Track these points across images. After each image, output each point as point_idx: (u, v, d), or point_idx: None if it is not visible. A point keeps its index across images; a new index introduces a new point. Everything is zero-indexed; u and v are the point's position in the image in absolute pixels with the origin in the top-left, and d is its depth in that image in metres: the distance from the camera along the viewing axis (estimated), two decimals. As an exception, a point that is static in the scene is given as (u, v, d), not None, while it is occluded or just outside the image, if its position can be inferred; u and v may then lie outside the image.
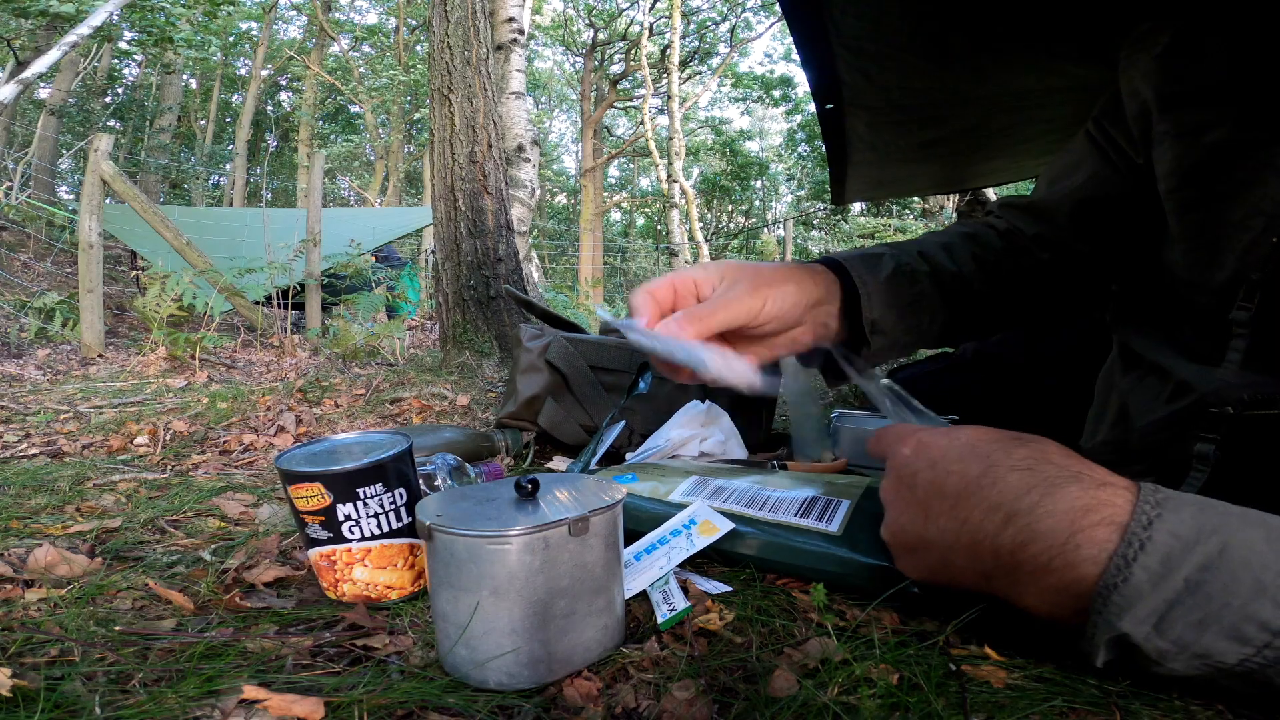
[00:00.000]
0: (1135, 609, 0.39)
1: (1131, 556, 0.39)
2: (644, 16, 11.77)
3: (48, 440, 1.35)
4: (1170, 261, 0.67)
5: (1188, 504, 0.41)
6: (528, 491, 0.53)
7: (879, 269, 0.68)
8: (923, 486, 0.49)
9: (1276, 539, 0.39)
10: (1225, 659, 0.38)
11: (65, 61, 8.07)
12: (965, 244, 0.76)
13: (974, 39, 1.23)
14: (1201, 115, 0.61)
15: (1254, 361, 0.58)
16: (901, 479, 0.51)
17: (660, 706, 0.44)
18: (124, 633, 0.54)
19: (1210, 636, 0.38)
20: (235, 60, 15.52)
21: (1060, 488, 0.43)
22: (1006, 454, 0.46)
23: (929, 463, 0.49)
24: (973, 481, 0.46)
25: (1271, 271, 0.56)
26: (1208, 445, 0.58)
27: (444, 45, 2.23)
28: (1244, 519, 0.40)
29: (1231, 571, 0.38)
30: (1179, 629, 0.39)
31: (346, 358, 2.91)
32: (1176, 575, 0.38)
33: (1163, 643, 0.39)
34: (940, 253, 0.74)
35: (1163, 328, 0.68)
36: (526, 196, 4.02)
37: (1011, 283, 0.76)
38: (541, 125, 19.66)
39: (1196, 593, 0.38)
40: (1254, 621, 0.37)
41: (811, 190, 16.60)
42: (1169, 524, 0.40)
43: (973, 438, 0.49)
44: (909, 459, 0.51)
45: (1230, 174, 0.59)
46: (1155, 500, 0.41)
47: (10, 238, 6.32)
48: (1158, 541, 0.39)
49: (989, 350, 1.13)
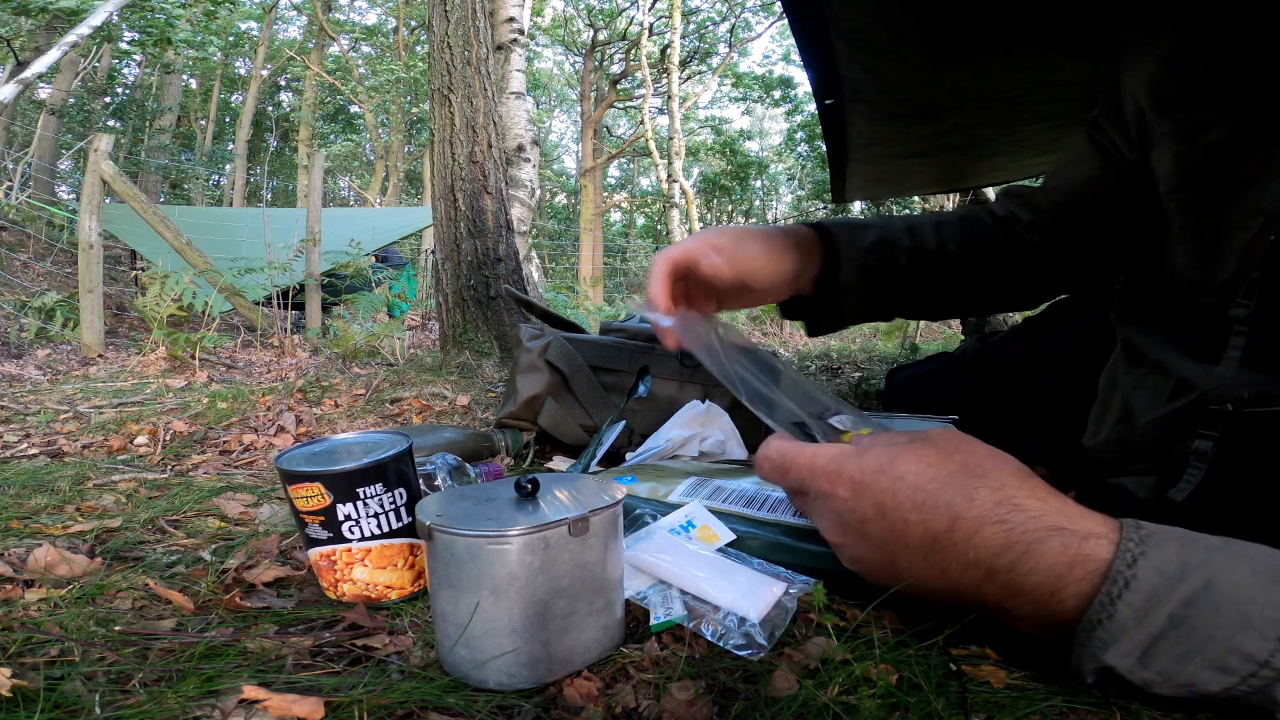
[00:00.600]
0: (1119, 644, 0.40)
1: (1116, 594, 0.40)
2: (644, 16, 11.77)
3: (48, 440, 1.35)
4: (1172, 262, 0.67)
5: (1172, 540, 0.41)
6: (528, 491, 0.53)
7: (862, 238, 0.73)
8: (877, 535, 0.46)
9: (1262, 571, 0.39)
10: (1209, 688, 0.39)
11: (65, 61, 8.07)
12: (958, 225, 0.79)
13: (975, 34, 1.23)
14: (1202, 116, 0.61)
15: (1253, 359, 0.58)
16: (847, 524, 0.48)
17: (660, 706, 0.44)
18: (124, 633, 0.54)
19: (1194, 667, 0.39)
20: (235, 60, 15.53)
21: (1042, 544, 0.42)
22: (968, 500, 0.43)
23: (876, 509, 0.46)
24: (941, 536, 0.44)
25: (1270, 269, 0.56)
26: (1206, 442, 0.58)
27: (444, 45, 2.23)
28: (1228, 553, 0.40)
29: (1216, 606, 0.38)
30: (1163, 661, 0.39)
31: (346, 358, 2.91)
32: (1160, 611, 0.39)
33: (1147, 674, 0.40)
34: (929, 230, 0.78)
35: (1165, 326, 0.69)
36: (526, 196, 4.02)
37: (997, 265, 0.79)
38: (541, 125, 19.66)
39: (1181, 627, 0.39)
40: (1238, 653, 0.38)
41: (811, 190, 16.59)
42: (1153, 561, 0.40)
43: (917, 478, 0.45)
44: (849, 503, 0.47)
45: (1230, 174, 0.59)
46: (1139, 538, 0.41)
47: (10, 238, 6.32)
48: (1142, 579, 0.39)
49: (989, 350, 1.13)
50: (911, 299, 0.81)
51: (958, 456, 0.45)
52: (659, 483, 0.78)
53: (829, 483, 0.48)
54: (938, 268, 0.78)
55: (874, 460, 0.46)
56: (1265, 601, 0.38)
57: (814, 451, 0.49)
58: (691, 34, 13.98)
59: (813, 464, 0.49)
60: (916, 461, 0.45)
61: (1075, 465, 0.78)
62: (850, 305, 0.76)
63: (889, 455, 0.46)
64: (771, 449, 0.52)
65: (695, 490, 0.74)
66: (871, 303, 0.78)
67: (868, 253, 0.73)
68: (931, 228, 0.78)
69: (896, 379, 1.22)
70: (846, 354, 3.63)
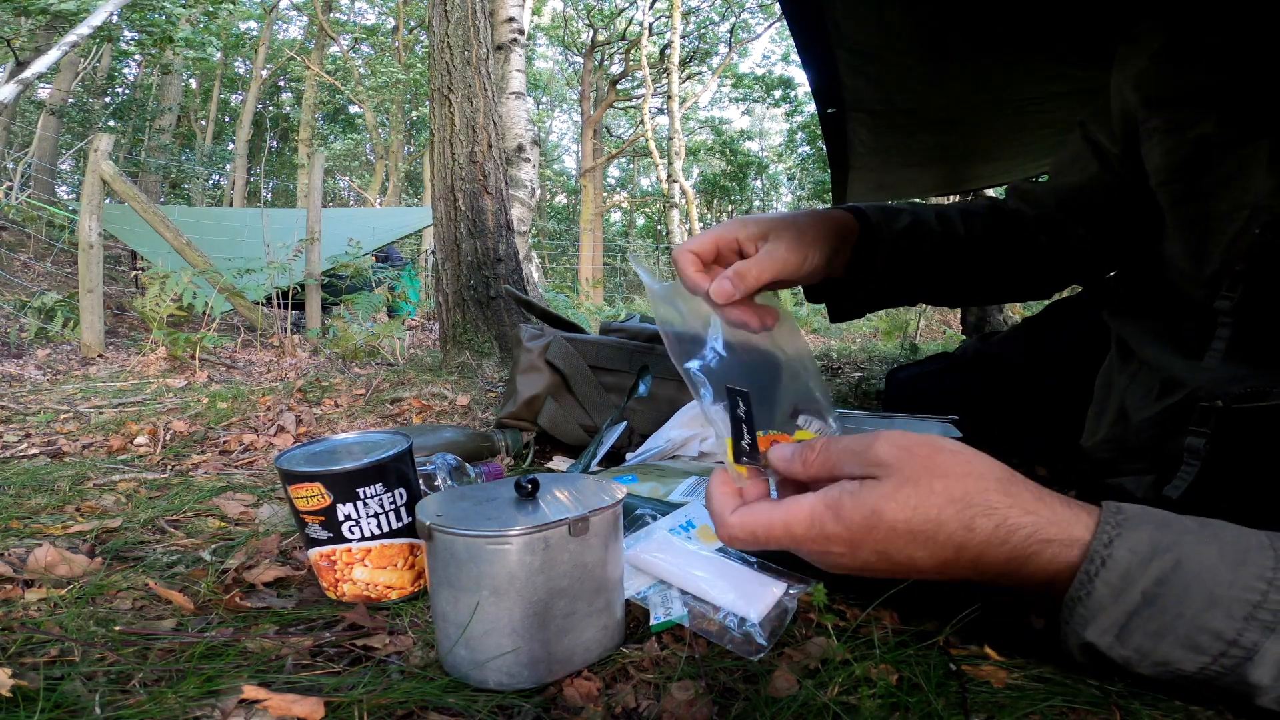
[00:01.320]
0: (1098, 620, 0.41)
1: (1094, 572, 0.41)
2: (644, 16, 11.77)
3: (48, 440, 1.35)
4: (1168, 254, 0.68)
5: (1147, 522, 0.42)
6: (528, 491, 0.53)
7: (896, 221, 0.73)
8: (886, 569, 0.46)
9: (1229, 553, 0.40)
10: (1185, 667, 0.40)
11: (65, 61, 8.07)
12: (987, 215, 0.81)
13: (976, 41, 1.23)
14: (1189, 111, 0.63)
15: (1236, 352, 0.60)
16: (850, 568, 0.46)
17: (660, 707, 0.44)
18: (124, 633, 0.54)
19: (1167, 645, 0.40)
20: (235, 60, 15.53)
21: (1038, 555, 0.43)
22: (969, 531, 0.43)
23: (879, 555, 0.44)
24: (950, 561, 0.44)
25: (1254, 262, 0.57)
26: (1198, 439, 0.59)
27: (444, 45, 2.23)
28: (1200, 535, 0.41)
29: (1185, 585, 0.39)
30: (1138, 638, 0.40)
31: (346, 358, 2.91)
32: (1134, 589, 0.40)
33: (1125, 651, 0.41)
34: (958, 219, 0.79)
35: (1157, 320, 0.70)
36: (526, 196, 4.02)
37: (1015, 258, 0.81)
38: (541, 125, 19.66)
39: (1153, 605, 0.40)
40: (1207, 631, 0.39)
41: (812, 190, 16.59)
42: (1128, 541, 0.41)
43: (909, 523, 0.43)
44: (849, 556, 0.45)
45: (1216, 167, 0.61)
46: (1116, 520, 0.42)
47: (10, 238, 6.32)
48: (1117, 558, 0.41)
49: (989, 350, 1.13)
50: (937, 284, 0.81)
51: (937, 487, 0.43)
52: (659, 483, 0.78)
53: (819, 545, 0.45)
54: (964, 254, 0.79)
55: (857, 514, 0.44)
56: (1231, 581, 0.39)
57: (785, 519, 0.46)
58: (691, 34, 13.99)
59: (792, 534, 0.46)
60: (901, 508, 0.43)
61: (1074, 465, 0.79)
62: (879, 288, 0.76)
63: (869, 506, 0.43)
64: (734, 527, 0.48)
65: (695, 490, 0.74)
66: (898, 286, 0.78)
67: (900, 236, 0.73)
68: (959, 216, 0.79)
69: (896, 379, 1.23)
70: (846, 354, 3.63)
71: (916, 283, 0.79)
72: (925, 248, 0.76)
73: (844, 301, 0.78)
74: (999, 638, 0.51)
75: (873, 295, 0.78)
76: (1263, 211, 0.57)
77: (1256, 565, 0.39)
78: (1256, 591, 0.38)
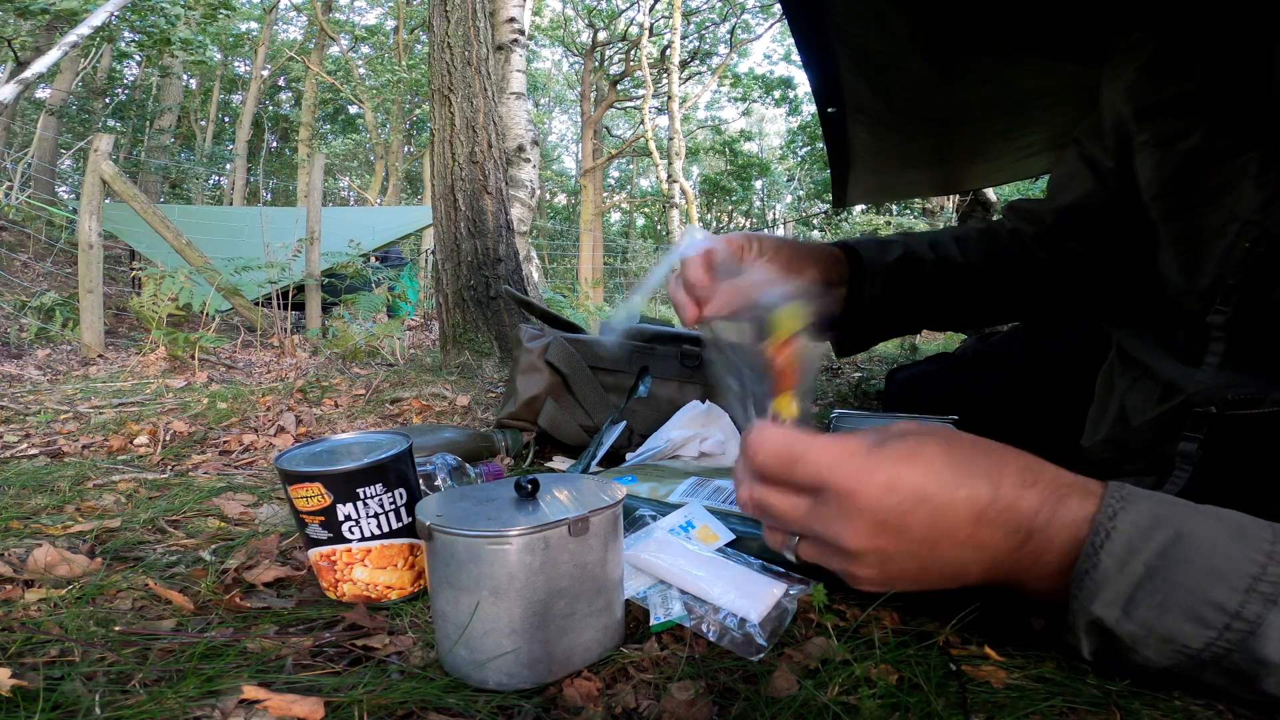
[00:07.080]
0: (1104, 593, 0.42)
1: (1099, 544, 0.42)
2: (644, 17, 11.77)
3: (48, 440, 1.35)
4: (1161, 267, 0.69)
5: (1147, 498, 0.43)
6: (528, 491, 0.53)
7: (888, 253, 0.75)
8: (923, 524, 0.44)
9: (1228, 528, 0.41)
10: (1190, 643, 0.40)
11: (65, 61, 8.07)
12: (980, 239, 0.81)
13: (975, 40, 1.24)
14: (1178, 123, 0.63)
15: (1231, 363, 0.60)
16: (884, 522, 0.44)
17: (660, 707, 0.44)
18: (124, 633, 0.54)
19: (1172, 618, 0.40)
20: (235, 61, 15.53)
21: (1065, 500, 0.44)
22: (1000, 468, 0.44)
23: (918, 497, 0.43)
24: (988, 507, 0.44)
25: (1247, 275, 0.58)
26: (1191, 444, 0.60)
27: (444, 45, 2.23)
28: (1197, 510, 0.43)
29: (1186, 556, 0.40)
30: (1143, 611, 0.41)
31: (346, 358, 2.91)
32: (1137, 560, 0.41)
33: (1130, 625, 0.41)
34: (951, 244, 0.80)
35: (1155, 330, 0.71)
36: (526, 196, 4.02)
37: (1015, 278, 0.81)
38: (541, 125, 19.65)
39: (1155, 576, 0.41)
40: (1210, 604, 0.39)
41: (812, 190, 16.60)
42: (1130, 515, 0.42)
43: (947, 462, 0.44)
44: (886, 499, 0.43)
45: (1206, 180, 0.61)
46: (1120, 496, 0.43)
47: (10, 238, 6.32)
48: (1121, 530, 0.42)
49: (989, 350, 1.13)
50: (935, 312, 0.82)
51: (955, 441, 0.46)
52: (659, 483, 0.78)
53: (854, 481, 0.43)
54: (960, 281, 0.79)
55: (894, 452, 0.44)
56: (1229, 553, 0.40)
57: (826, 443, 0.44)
58: (691, 34, 13.99)
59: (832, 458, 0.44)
60: (938, 448, 0.44)
61: (1074, 465, 0.79)
62: (878, 320, 0.77)
63: (906, 447, 0.44)
64: (773, 436, 0.45)
65: (695, 490, 0.74)
66: (898, 317, 0.79)
67: (893, 268, 0.75)
68: (953, 242, 0.80)
69: (896, 379, 1.23)
70: (846, 354, 3.63)
71: (916, 311, 0.80)
72: (921, 277, 0.77)
73: (845, 340, 0.79)
74: (999, 638, 0.51)
75: (873, 327, 0.79)
76: (1253, 225, 0.57)
77: (1255, 539, 0.40)
78: (1255, 564, 0.39)
